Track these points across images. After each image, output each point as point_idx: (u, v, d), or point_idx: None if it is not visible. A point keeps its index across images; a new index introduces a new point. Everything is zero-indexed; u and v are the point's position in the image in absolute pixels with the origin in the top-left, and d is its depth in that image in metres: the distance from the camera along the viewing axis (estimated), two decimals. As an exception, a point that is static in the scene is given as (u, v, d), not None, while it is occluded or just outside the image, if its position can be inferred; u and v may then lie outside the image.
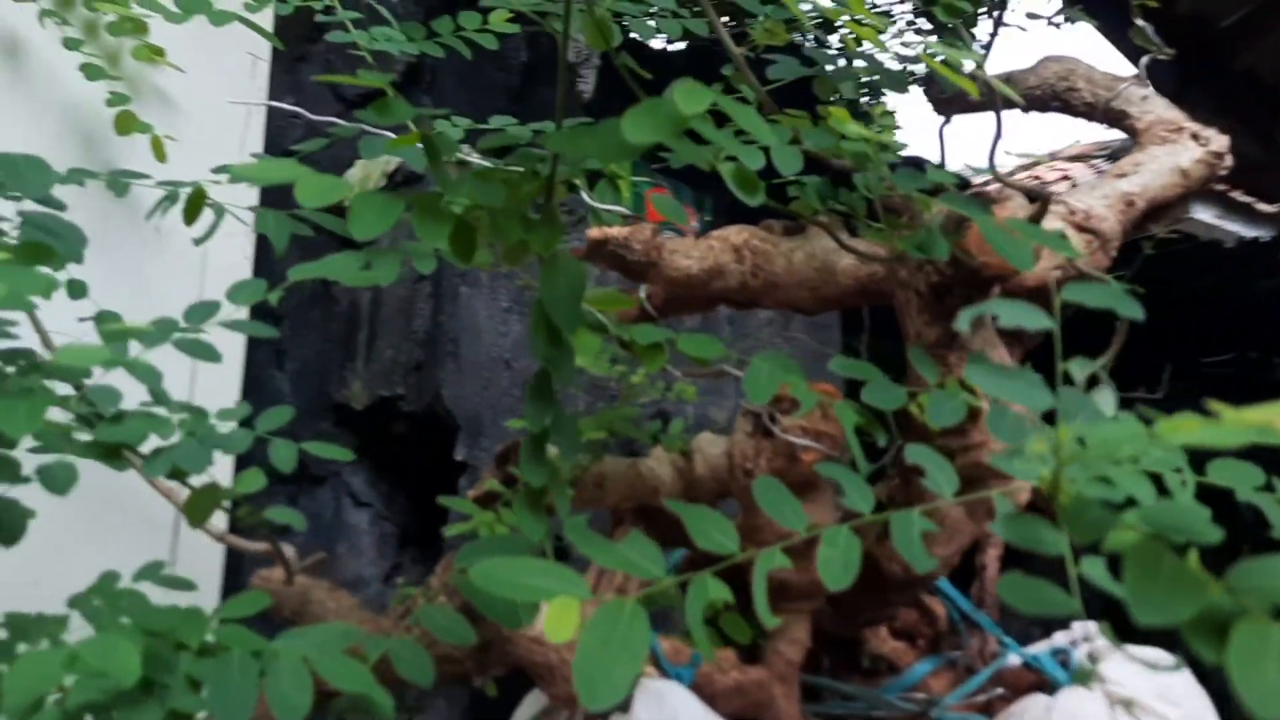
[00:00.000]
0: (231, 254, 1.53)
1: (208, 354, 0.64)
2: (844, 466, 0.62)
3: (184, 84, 1.49)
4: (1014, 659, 0.96)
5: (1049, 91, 1.02)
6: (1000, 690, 0.90)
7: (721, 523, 0.58)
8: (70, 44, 1.29)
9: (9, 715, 0.45)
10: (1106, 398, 0.62)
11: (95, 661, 0.45)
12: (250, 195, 1.57)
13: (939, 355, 0.80)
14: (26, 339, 0.87)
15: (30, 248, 0.63)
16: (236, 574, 1.60)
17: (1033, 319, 0.44)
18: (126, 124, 1.37)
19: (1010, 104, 1.04)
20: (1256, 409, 0.32)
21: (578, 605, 0.53)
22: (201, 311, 0.67)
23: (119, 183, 1.00)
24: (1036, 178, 2.19)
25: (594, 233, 0.83)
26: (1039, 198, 0.72)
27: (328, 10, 1.12)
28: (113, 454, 0.60)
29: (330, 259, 0.70)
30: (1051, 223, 0.90)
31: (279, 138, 1.78)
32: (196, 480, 0.72)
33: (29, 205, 0.77)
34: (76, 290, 1.11)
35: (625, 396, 0.92)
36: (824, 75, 0.84)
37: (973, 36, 1.06)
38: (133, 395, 0.75)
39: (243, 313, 1.55)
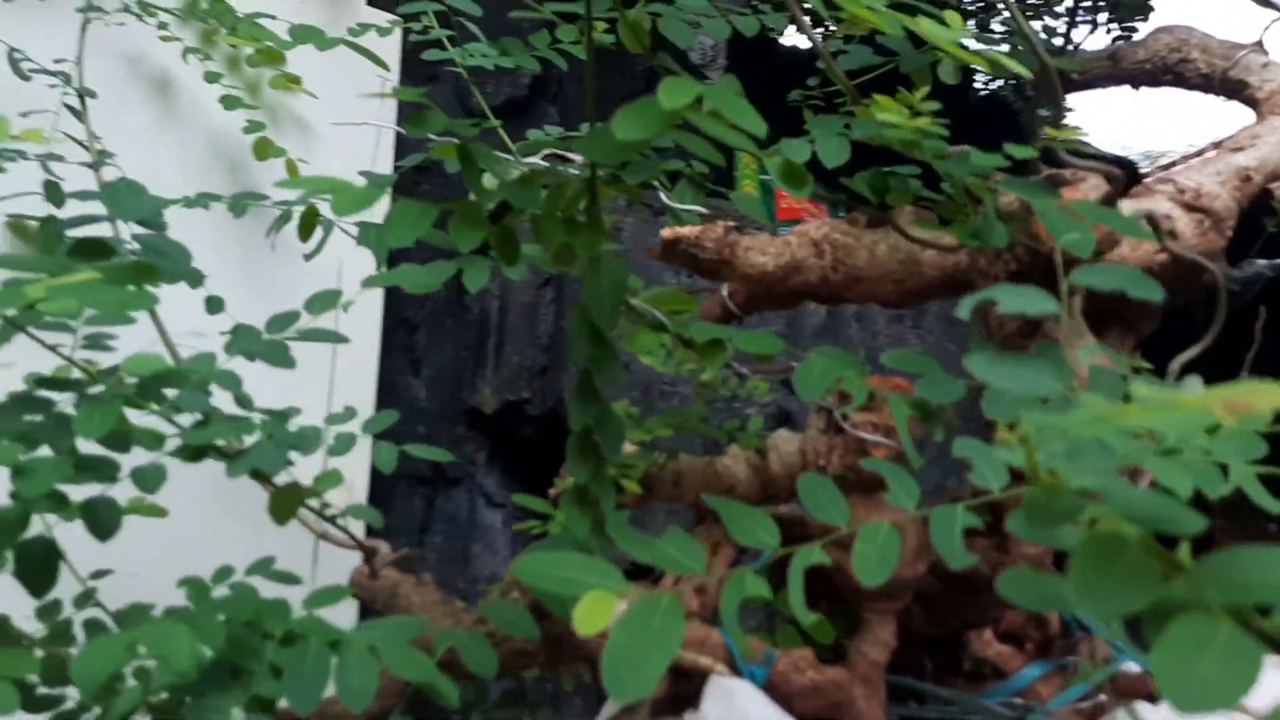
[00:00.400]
0: (366, 266, 1.61)
1: (282, 360, 0.68)
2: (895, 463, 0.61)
3: (318, 108, 1.58)
4: (1130, 665, 0.90)
5: (1160, 64, 0.96)
6: (1103, 696, 0.85)
7: (763, 520, 0.58)
8: (210, 78, 1.39)
9: (84, 696, 0.50)
10: (1194, 385, 0.59)
11: (153, 647, 0.49)
12: (378, 209, 1.65)
13: (1020, 346, 0.77)
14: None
15: (132, 267, 0.68)
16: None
17: (1039, 304, 0.43)
18: (264, 149, 1.46)
19: (1098, 80, 0.99)
20: (1220, 389, 0.30)
21: (613, 600, 0.54)
22: (281, 322, 0.71)
23: (238, 205, 1.07)
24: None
25: (666, 233, 0.84)
26: (1114, 178, 0.68)
27: (424, 31, 1.17)
28: (198, 455, 0.65)
29: (403, 268, 0.73)
30: (1158, 203, 0.85)
31: (413, 152, 1.87)
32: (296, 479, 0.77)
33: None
34: (214, 305, 1.20)
35: (697, 394, 0.92)
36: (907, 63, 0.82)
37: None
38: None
39: (372, 323, 1.63)
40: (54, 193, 1.17)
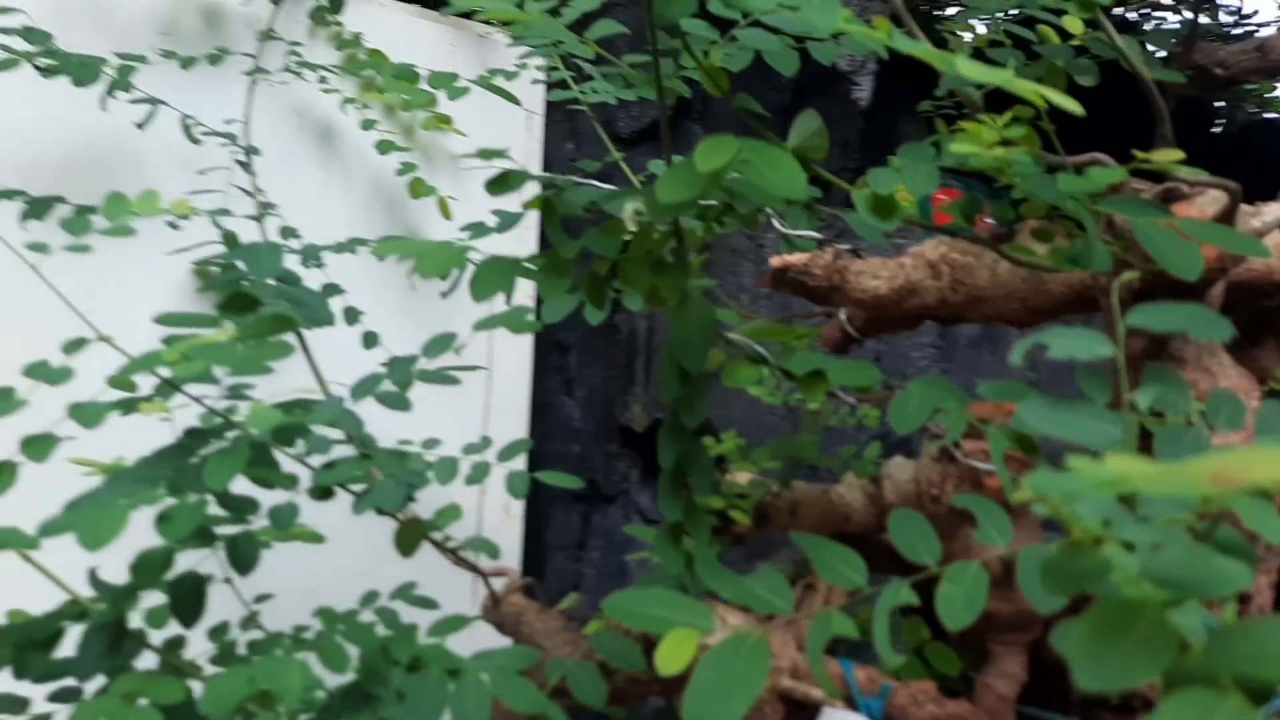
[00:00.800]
0: (517, 298, 1.68)
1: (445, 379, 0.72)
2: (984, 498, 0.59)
3: (468, 145, 1.65)
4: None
5: None
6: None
7: (849, 556, 0.58)
8: (366, 125, 1.48)
9: (215, 722, 0.55)
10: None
11: (266, 681, 0.53)
12: (530, 244, 1.71)
13: (1142, 368, 0.73)
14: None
15: (270, 319, 0.75)
16: (539, 577, 1.75)
17: (1089, 348, 0.41)
18: (417, 189, 1.55)
19: (1246, 74, 0.92)
20: (1221, 454, 0.29)
21: (695, 638, 0.55)
22: (401, 367, 0.76)
23: (382, 249, 1.13)
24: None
25: (775, 261, 0.84)
26: (1233, 191, 0.64)
27: (551, 71, 1.20)
28: (327, 495, 0.70)
29: (508, 313, 0.77)
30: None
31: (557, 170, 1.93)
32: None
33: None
34: (370, 340, 1.28)
35: (808, 424, 0.91)
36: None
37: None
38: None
39: (524, 347, 1.68)
40: (232, 244, 1.28)
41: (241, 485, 0.72)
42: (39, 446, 0.63)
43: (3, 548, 0.58)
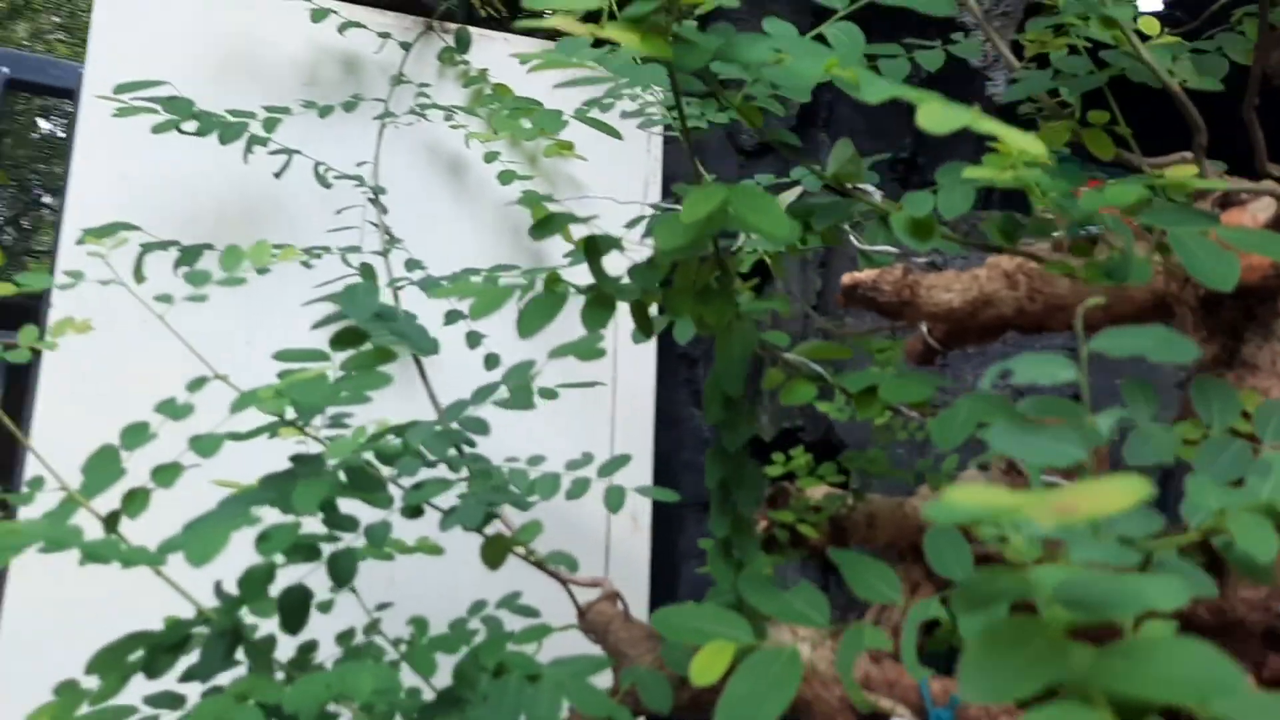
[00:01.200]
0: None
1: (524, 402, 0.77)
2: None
3: (589, 169, 1.72)
4: None
5: None
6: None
7: (883, 571, 0.60)
8: (489, 157, 1.56)
9: None
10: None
11: (339, 686, 0.59)
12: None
13: (1218, 375, 0.71)
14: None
15: (373, 353, 0.82)
16: (671, 586, 1.79)
17: (1053, 373, 0.42)
18: (539, 215, 1.62)
19: None
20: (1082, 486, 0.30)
21: (730, 650, 0.58)
22: (520, 372, 0.81)
23: (492, 277, 1.20)
24: None
25: (846, 278, 0.86)
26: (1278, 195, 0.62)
27: (639, 100, 1.24)
28: (417, 513, 0.77)
29: (578, 342, 0.81)
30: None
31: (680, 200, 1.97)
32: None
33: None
34: (491, 362, 1.35)
35: (875, 438, 0.92)
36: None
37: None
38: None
39: (648, 360, 1.72)
40: (369, 275, 1.38)
41: (353, 506, 0.79)
42: (166, 474, 0.72)
43: (133, 564, 0.67)
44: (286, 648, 0.80)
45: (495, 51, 1.75)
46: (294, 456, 0.76)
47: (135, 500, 0.72)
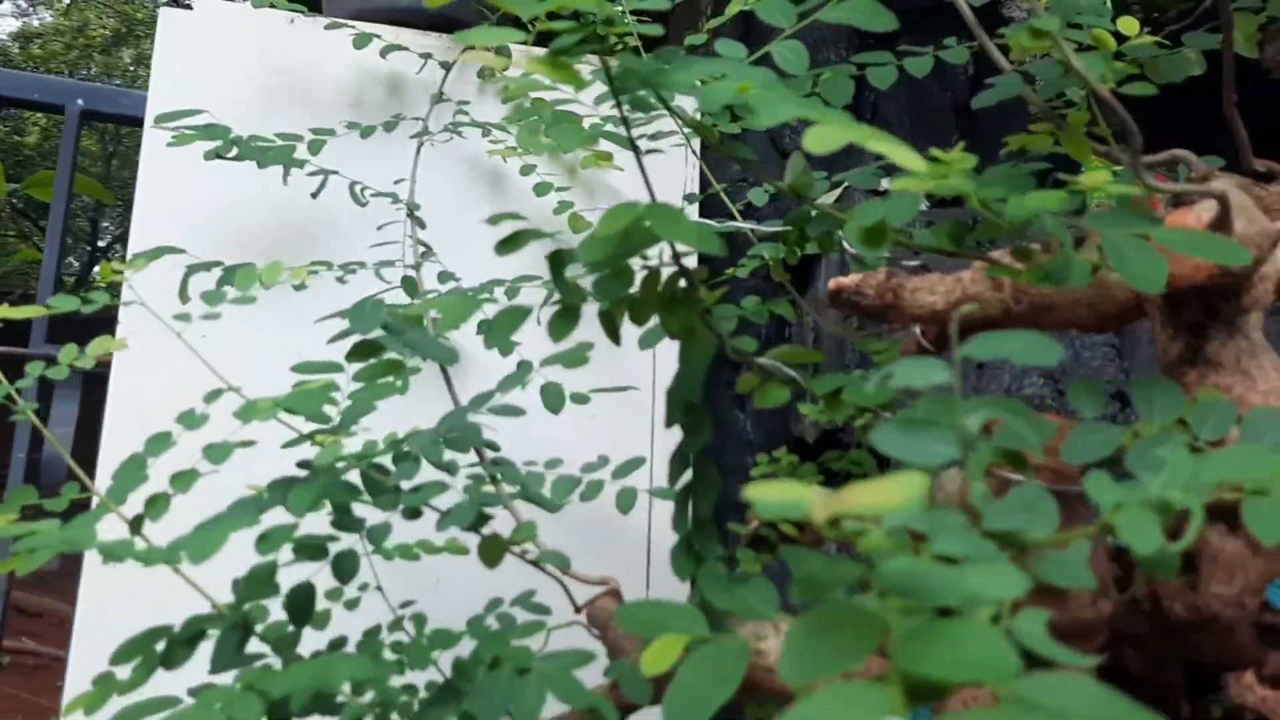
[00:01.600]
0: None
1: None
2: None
3: (627, 179, 1.76)
4: None
5: None
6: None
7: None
8: (525, 170, 1.61)
9: (294, 705, 0.66)
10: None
11: (315, 678, 0.64)
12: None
13: (1179, 373, 0.72)
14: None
15: (384, 364, 0.86)
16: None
17: (927, 376, 0.44)
18: (576, 223, 1.66)
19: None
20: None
21: (681, 643, 0.61)
22: (479, 401, 0.86)
23: (512, 290, 1.25)
24: None
25: (831, 284, 0.88)
26: (1220, 198, 0.62)
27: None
28: (415, 514, 0.81)
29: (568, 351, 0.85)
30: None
31: (729, 198, 2.00)
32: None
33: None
34: (524, 371, 1.39)
35: (858, 439, 0.93)
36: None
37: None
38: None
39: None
40: (410, 287, 1.45)
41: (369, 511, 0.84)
42: (184, 480, 0.78)
43: (150, 563, 0.72)
44: (318, 642, 0.86)
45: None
46: (301, 462, 0.81)
47: (157, 504, 0.78)
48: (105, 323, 1.51)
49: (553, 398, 1.22)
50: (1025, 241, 0.64)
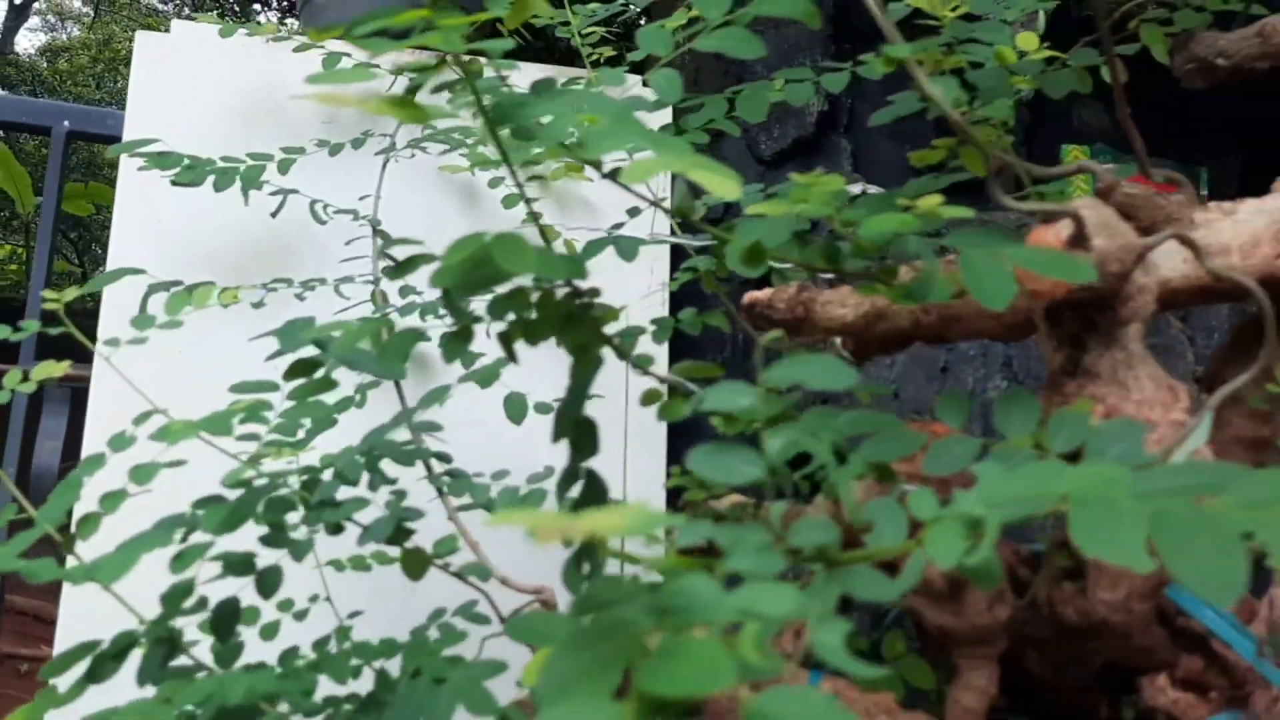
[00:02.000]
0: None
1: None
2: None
3: (600, 190, 1.78)
4: (1332, 723, 0.78)
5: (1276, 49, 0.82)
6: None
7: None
8: (493, 183, 1.64)
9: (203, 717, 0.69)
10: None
11: (218, 694, 0.67)
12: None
13: (1060, 384, 0.73)
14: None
15: (317, 382, 0.89)
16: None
17: (732, 400, 0.46)
18: (548, 234, 1.68)
19: (1250, 63, 0.87)
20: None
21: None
22: (401, 417, 0.88)
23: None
24: None
25: (745, 298, 0.89)
26: (1074, 216, 0.63)
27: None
28: (337, 530, 0.84)
29: (485, 369, 0.87)
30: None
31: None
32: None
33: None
34: (486, 380, 1.42)
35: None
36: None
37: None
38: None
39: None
40: (377, 302, 1.47)
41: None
42: (112, 500, 0.81)
43: (74, 582, 0.75)
44: (270, 653, 0.89)
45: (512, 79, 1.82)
46: (227, 482, 0.84)
47: (87, 524, 0.81)
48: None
49: (515, 409, 1.24)
50: (895, 260, 0.66)
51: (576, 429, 0.70)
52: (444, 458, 1.15)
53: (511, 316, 0.73)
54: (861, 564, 0.50)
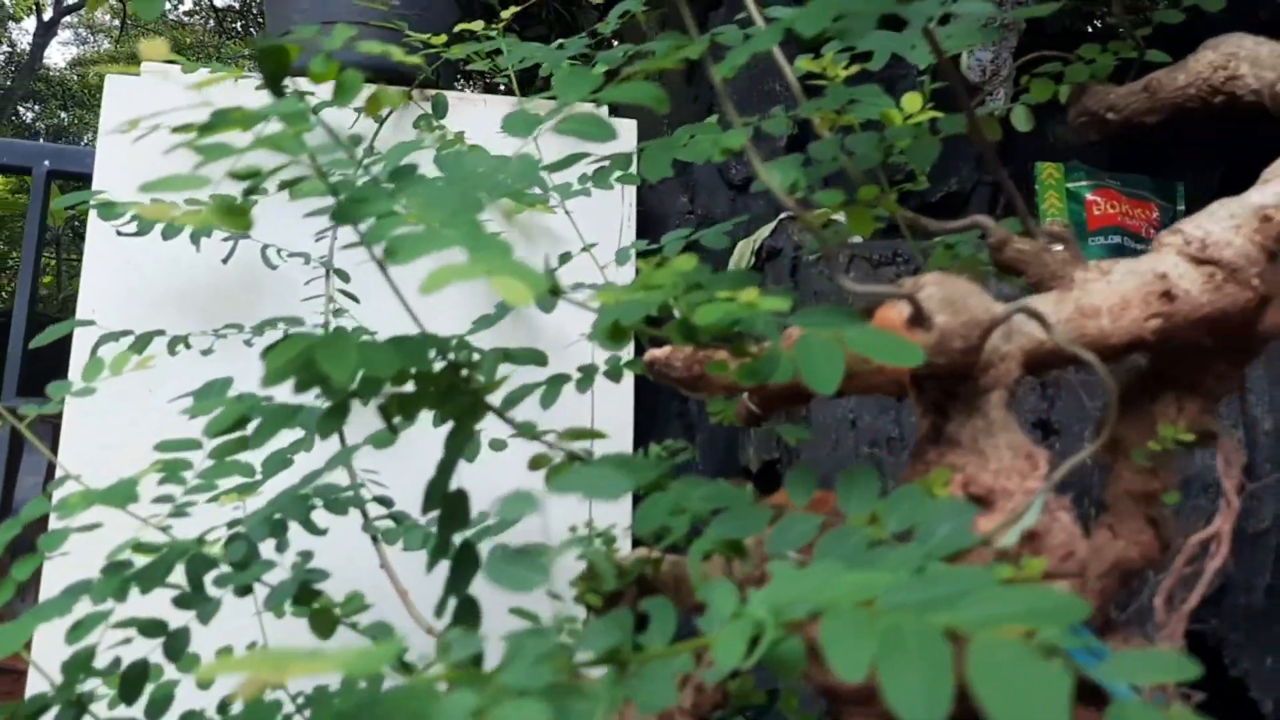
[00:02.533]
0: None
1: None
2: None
3: (565, 220, 1.80)
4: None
5: (1206, 87, 0.82)
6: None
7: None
8: (453, 219, 1.66)
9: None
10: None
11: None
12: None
13: (923, 451, 0.74)
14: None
15: (231, 444, 0.91)
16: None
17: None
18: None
19: (1137, 116, 0.87)
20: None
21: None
22: (310, 478, 0.90)
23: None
24: None
25: (646, 357, 0.91)
26: (909, 297, 0.64)
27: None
28: (246, 591, 0.86)
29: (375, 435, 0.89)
30: (1165, 259, 0.76)
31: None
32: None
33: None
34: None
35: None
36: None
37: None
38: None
39: (626, 394, 1.77)
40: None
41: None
42: (25, 566, 0.84)
43: (-18, 646, 0.78)
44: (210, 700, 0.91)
45: (474, 115, 1.85)
46: (132, 545, 0.86)
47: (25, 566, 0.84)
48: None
49: (469, 447, 1.26)
50: (744, 339, 0.67)
51: (446, 502, 0.72)
52: (385, 501, 1.17)
53: (389, 390, 0.75)
54: (659, 660, 0.51)
